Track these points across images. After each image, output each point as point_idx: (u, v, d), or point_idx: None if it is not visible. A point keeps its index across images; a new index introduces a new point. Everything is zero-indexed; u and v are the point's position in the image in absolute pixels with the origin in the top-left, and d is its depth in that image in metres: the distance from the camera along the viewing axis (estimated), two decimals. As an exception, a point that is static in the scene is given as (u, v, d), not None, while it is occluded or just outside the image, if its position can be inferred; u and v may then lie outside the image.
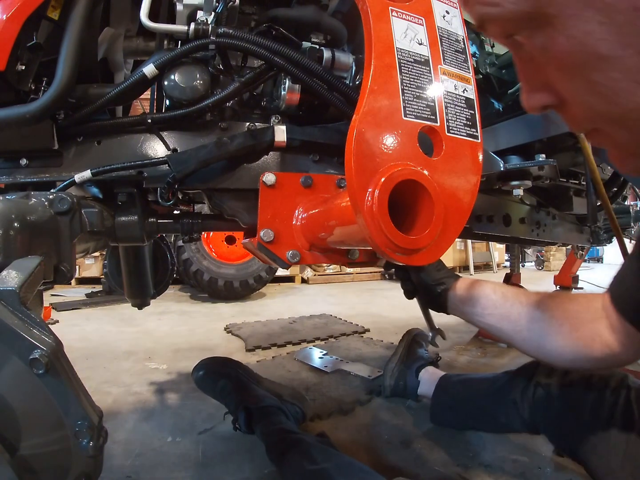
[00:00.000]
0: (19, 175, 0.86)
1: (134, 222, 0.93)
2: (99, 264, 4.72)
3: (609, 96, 0.31)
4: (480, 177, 0.66)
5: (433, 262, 0.63)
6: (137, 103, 1.12)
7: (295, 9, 0.87)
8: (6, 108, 0.77)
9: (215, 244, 3.84)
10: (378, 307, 3.53)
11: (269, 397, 1.21)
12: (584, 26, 0.28)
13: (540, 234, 1.48)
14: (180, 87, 0.82)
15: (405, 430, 1.30)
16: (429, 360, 1.48)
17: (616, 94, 0.30)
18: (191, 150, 0.83)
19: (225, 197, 0.90)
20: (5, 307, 0.48)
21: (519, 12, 0.30)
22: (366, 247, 0.76)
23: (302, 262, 0.80)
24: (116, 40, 1.02)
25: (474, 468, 1.10)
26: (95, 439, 0.50)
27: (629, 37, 0.27)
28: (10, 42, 0.73)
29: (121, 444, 1.22)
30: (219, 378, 1.29)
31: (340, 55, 0.90)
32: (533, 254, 7.63)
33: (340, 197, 0.69)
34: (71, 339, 2.38)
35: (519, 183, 1.15)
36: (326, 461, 0.93)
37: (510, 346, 2.17)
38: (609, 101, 0.31)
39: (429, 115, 0.63)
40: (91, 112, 0.84)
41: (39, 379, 0.48)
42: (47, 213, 0.69)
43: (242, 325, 2.71)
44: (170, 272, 1.51)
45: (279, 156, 0.89)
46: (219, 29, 0.79)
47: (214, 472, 1.09)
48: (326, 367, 1.84)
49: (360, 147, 0.56)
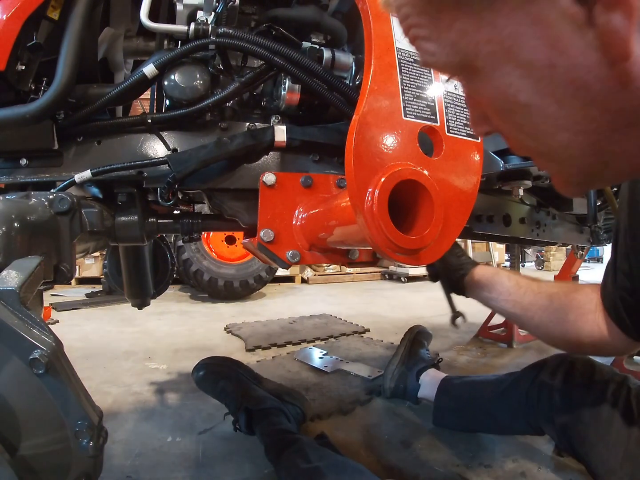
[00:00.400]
0: (19, 175, 0.86)
1: (134, 222, 0.93)
2: (99, 264, 4.72)
3: (533, 135, 0.35)
4: (480, 177, 0.66)
5: (433, 262, 0.63)
6: (137, 103, 1.12)
7: (296, 9, 0.87)
8: (6, 108, 0.77)
9: (215, 244, 3.83)
10: (378, 307, 3.53)
11: (270, 398, 1.21)
12: (505, 79, 0.32)
13: (540, 234, 1.48)
14: (180, 87, 0.82)
15: (405, 430, 1.29)
16: (430, 362, 1.47)
17: (539, 134, 0.34)
18: (191, 150, 0.83)
19: (226, 197, 0.90)
20: (5, 307, 0.48)
21: (451, 63, 0.34)
22: (366, 247, 0.76)
23: (302, 262, 0.80)
24: (116, 40, 1.02)
25: (474, 468, 1.10)
26: (95, 439, 0.50)
27: (546, 89, 0.30)
28: (10, 42, 0.73)
29: (121, 444, 1.22)
30: (219, 378, 1.29)
31: (340, 55, 0.90)
32: (533, 254, 7.64)
33: (340, 197, 0.69)
34: (71, 339, 2.38)
35: (519, 183, 1.15)
36: (320, 460, 0.94)
37: (510, 346, 2.18)
38: (534, 140, 0.35)
39: (429, 115, 0.63)
40: (91, 112, 0.84)
41: (39, 379, 0.48)
42: (47, 213, 0.69)
43: (242, 325, 2.71)
44: (170, 272, 1.51)
45: (279, 156, 0.89)
46: (219, 29, 0.79)
47: (214, 472, 1.09)
48: (326, 367, 1.84)
49: (360, 147, 0.56)
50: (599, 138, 0.32)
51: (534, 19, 0.28)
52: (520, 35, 0.29)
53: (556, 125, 0.32)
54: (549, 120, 0.32)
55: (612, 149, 0.32)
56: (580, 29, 0.27)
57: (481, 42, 0.31)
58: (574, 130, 0.32)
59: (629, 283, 0.70)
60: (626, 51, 0.27)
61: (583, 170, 0.36)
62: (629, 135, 0.31)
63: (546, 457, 1.12)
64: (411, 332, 1.61)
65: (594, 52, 0.28)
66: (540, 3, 0.28)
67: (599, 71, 0.28)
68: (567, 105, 0.31)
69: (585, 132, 0.32)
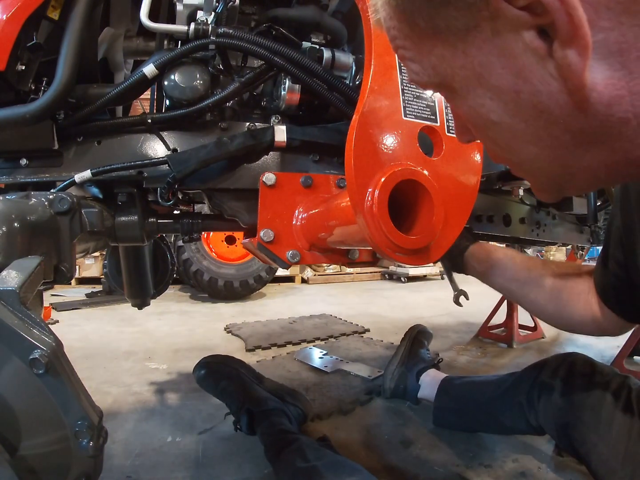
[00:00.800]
0: (19, 175, 0.86)
1: (134, 222, 0.93)
2: (99, 264, 4.71)
3: (506, 149, 0.38)
4: (480, 177, 0.66)
5: (433, 261, 0.63)
6: (137, 103, 1.12)
7: (296, 9, 0.87)
8: (6, 108, 0.77)
9: (215, 244, 3.83)
10: (378, 307, 3.53)
11: (272, 399, 1.21)
12: (478, 100, 0.35)
13: (540, 234, 1.48)
14: (181, 87, 0.82)
15: (405, 430, 1.29)
16: (431, 362, 1.47)
17: (510, 148, 0.38)
18: (191, 150, 0.83)
19: (225, 197, 0.90)
20: (5, 307, 0.48)
21: (432, 83, 0.39)
22: (366, 247, 0.76)
23: (302, 262, 0.80)
24: (116, 40, 1.02)
25: (474, 468, 1.10)
26: (95, 439, 0.50)
27: (513, 110, 0.34)
28: (10, 42, 0.73)
29: (121, 444, 1.22)
30: (221, 377, 1.29)
31: (340, 55, 0.90)
32: (533, 253, 7.64)
33: (340, 197, 0.69)
34: (71, 339, 2.38)
35: (519, 183, 1.15)
36: (318, 459, 0.94)
37: (510, 347, 2.18)
38: (507, 152, 0.39)
39: (429, 115, 0.63)
40: (91, 112, 0.84)
41: (39, 379, 0.48)
42: (47, 213, 0.69)
43: (242, 325, 2.71)
44: (170, 272, 1.51)
45: (279, 156, 0.89)
46: (219, 29, 0.79)
47: (214, 472, 1.09)
48: (326, 367, 1.84)
49: (360, 147, 0.56)
50: (563, 153, 0.35)
51: (501, 50, 0.32)
52: (489, 64, 0.33)
53: (524, 141, 0.36)
54: (517, 136, 0.36)
55: (576, 163, 0.36)
56: (542, 61, 0.30)
57: (456, 67, 0.35)
58: (540, 145, 0.36)
59: (621, 271, 0.73)
60: (581, 82, 0.29)
61: (552, 179, 0.40)
62: (591, 152, 0.34)
63: (546, 457, 1.12)
64: (412, 332, 1.61)
65: (554, 81, 0.31)
66: (507, 37, 0.31)
67: (559, 97, 0.31)
68: (533, 125, 0.34)
69: (550, 147, 0.35)
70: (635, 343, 1.80)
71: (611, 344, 2.06)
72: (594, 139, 0.33)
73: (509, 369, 1.87)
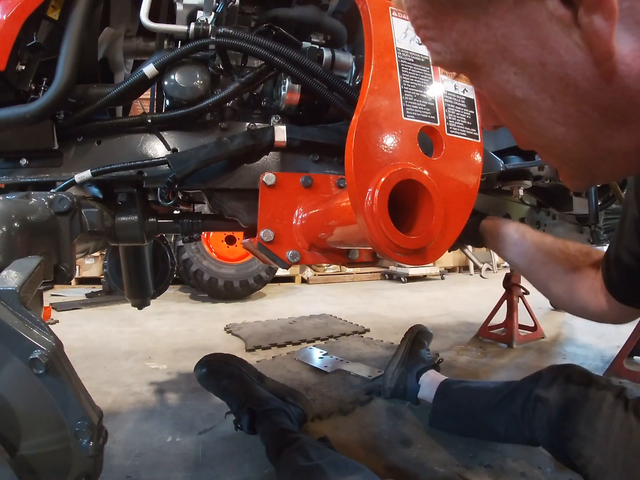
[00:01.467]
0: (19, 175, 0.86)
1: (134, 222, 0.93)
2: (99, 264, 4.72)
3: (531, 129, 0.37)
4: (480, 177, 0.66)
5: (433, 261, 0.63)
6: (137, 103, 1.12)
7: (296, 9, 0.87)
8: (6, 108, 0.77)
9: (215, 244, 3.83)
10: (378, 307, 3.53)
11: (273, 399, 1.21)
12: (502, 75, 0.34)
13: (540, 234, 1.48)
14: (181, 87, 0.82)
15: (405, 430, 1.29)
16: (431, 362, 1.47)
17: (537, 128, 0.36)
18: (191, 150, 0.83)
19: (225, 197, 0.90)
20: (5, 307, 0.48)
21: (455, 61, 0.37)
22: (366, 247, 0.76)
23: (302, 262, 0.80)
24: (116, 40, 1.02)
25: (474, 468, 1.10)
26: (95, 439, 0.50)
27: (540, 86, 0.33)
28: (10, 42, 0.73)
29: (121, 444, 1.22)
30: (222, 376, 1.29)
31: (340, 55, 0.90)
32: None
33: (340, 197, 0.69)
34: (71, 339, 2.38)
35: (519, 183, 1.15)
36: (320, 458, 0.94)
37: (510, 347, 2.17)
38: (533, 133, 0.37)
39: (429, 115, 0.63)
40: (91, 112, 0.84)
41: (39, 379, 0.48)
42: (47, 213, 0.69)
43: (242, 325, 2.71)
44: (170, 272, 1.51)
45: (279, 156, 0.89)
46: (219, 29, 0.79)
47: (214, 472, 1.09)
48: (326, 367, 1.84)
49: (360, 147, 0.56)
50: (592, 132, 0.34)
51: (524, 20, 0.30)
52: (512, 36, 0.31)
53: (551, 119, 0.34)
54: (544, 115, 0.34)
55: (606, 145, 0.34)
56: (567, 29, 0.29)
57: (479, 41, 0.34)
58: (568, 124, 0.34)
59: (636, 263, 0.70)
60: (608, 50, 0.28)
61: (582, 164, 0.38)
62: (621, 132, 0.33)
63: (546, 457, 1.12)
64: (412, 332, 1.60)
65: (580, 51, 0.29)
66: (530, 6, 0.30)
67: (585, 69, 0.30)
68: (560, 101, 0.32)
69: (578, 126, 0.34)
70: (635, 343, 1.80)
71: (611, 344, 2.06)
72: (624, 118, 0.32)
73: (509, 369, 1.87)
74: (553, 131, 0.35)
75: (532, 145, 0.40)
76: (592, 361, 1.95)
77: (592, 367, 1.87)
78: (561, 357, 2.04)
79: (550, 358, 2.04)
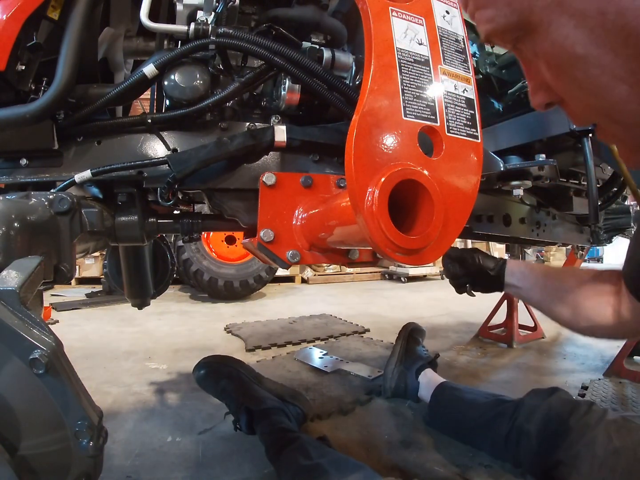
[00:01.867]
0: (19, 175, 0.86)
1: (134, 222, 0.93)
2: (99, 264, 4.72)
3: (593, 91, 0.35)
4: (480, 177, 0.66)
5: (433, 261, 0.63)
6: (137, 103, 1.12)
7: (296, 9, 0.87)
8: (6, 108, 0.77)
9: (215, 244, 3.83)
10: (378, 307, 3.53)
11: (271, 399, 1.21)
12: (561, 30, 0.33)
13: (540, 234, 1.48)
14: (181, 87, 0.82)
15: (405, 430, 1.29)
16: (428, 359, 1.48)
17: (599, 89, 0.34)
18: (191, 150, 0.83)
19: (226, 197, 0.90)
20: (5, 307, 0.48)
21: (510, 24, 0.36)
22: (366, 247, 0.76)
23: (302, 262, 0.80)
24: (116, 40, 1.02)
25: (474, 468, 1.10)
26: (95, 439, 0.50)
27: (601, 38, 0.31)
28: (10, 42, 0.73)
29: (121, 444, 1.22)
30: (220, 377, 1.29)
31: (340, 55, 0.90)
32: (533, 253, 7.63)
33: (340, 197, 0.69)
34: (71, 339, 2.38)
35: (519, 183, 1.15)
36: (321, 457, 0.94)
37: (510, 347, 2.17)
38: (594, 95, 0.35)
39: (429, 115, 0.63)
40: (91, 112, 0.84)
41: (39, 379, 0.48)
42: (47, 213, 0.69)
43: (242, 325, 2.71)
44: (170, 272, 1.51)
45: (279, 156, 0.89)
46: (219, 29, 0.79)
47: (213, 472, 1.09)
48: (326, 367, 1.84)
49: (360, 147, 0.56)
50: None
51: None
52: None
53: (614, 77, 0.33)
54: (606, 72, 0.33)
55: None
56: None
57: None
58: (631, 81, 0.32)
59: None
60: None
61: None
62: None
63: (546, 457, 1.12)
64: (405, 330, 1.61)
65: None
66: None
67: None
68: (622, 55, 0.31)
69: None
70: (635, 343, 1.80)
71: (611, 344, 2.06)
72: None
73: (509, 369, 1.87)
74: (615, 91, 0.33)
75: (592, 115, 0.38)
76: (592, 361, 1.95)
77: (592, 367, 1.87)
78: (561, 357, 2.04)
79: (550, 358, 2.04)
